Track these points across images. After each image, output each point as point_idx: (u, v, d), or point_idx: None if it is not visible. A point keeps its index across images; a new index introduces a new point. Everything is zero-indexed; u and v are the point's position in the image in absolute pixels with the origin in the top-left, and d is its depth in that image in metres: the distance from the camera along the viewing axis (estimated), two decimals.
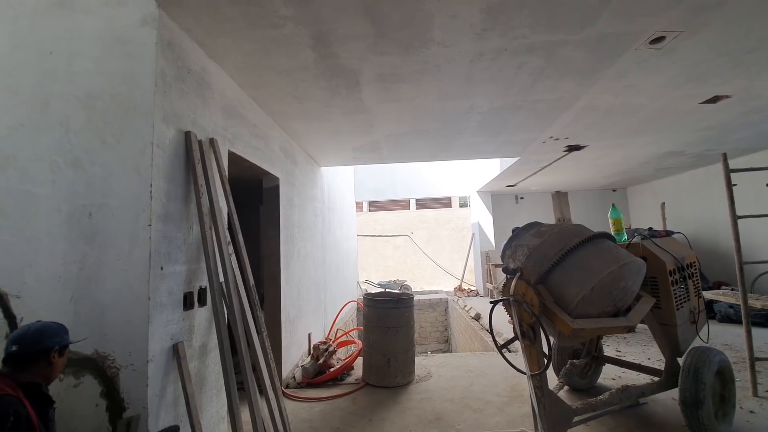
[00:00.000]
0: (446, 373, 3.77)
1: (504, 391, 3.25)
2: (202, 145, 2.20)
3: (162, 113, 1.92)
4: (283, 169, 3.85)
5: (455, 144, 4.77)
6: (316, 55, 2.42)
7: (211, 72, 2.42)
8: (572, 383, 3.15)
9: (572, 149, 5.25)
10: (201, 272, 2.16)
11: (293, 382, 3.64)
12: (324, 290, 5.48)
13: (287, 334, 3.73)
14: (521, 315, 2.19)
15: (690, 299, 2.72)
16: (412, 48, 2.38)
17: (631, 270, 2.24)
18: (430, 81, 2.87)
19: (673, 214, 8.13)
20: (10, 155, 1.96)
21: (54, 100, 1.96)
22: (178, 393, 1.91)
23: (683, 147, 5.39)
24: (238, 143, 2.77)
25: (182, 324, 1.99)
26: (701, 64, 2.76)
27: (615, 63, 2.67)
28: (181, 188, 2.04)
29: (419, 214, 13.36)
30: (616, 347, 4.38)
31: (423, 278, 12.75)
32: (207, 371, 2.19)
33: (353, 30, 2.16)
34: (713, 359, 2.37)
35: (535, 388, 2.15)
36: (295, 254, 4.15)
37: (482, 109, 3.54)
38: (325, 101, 3.18)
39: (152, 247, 1.79)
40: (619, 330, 2.27)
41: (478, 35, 2.26)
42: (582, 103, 3.47)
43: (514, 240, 2.56)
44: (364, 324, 3.77)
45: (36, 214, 1.89)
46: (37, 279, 1.85)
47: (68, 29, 2.00)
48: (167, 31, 1.99)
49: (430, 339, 10.02)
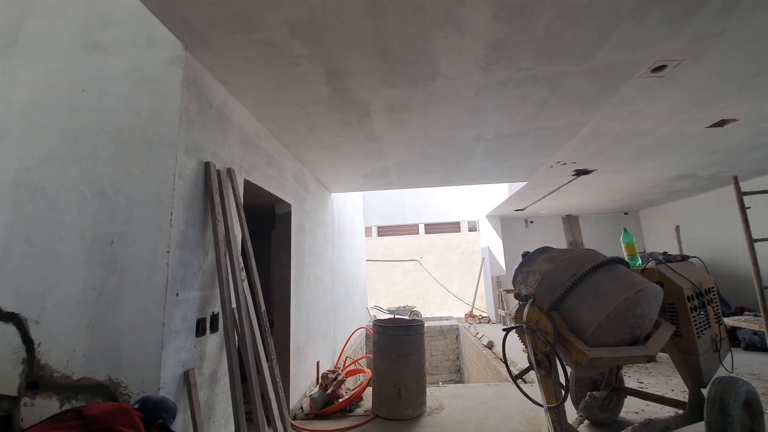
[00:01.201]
0: (459, 405, 3.63)
1: (521, 426, 3.11)
2: (220, 174, 2.29)
3: (185, 146, 2.02)
4: (295, 196, 3.94)
5: (463, 170, 4.84)
6: (329, 89, 2.55)
7: (231, 107, 2.56)
8: (592, 417, 3.00)
9: (580, 173, 5.27)
10: (214, 298, 2.19)
11: (301, 413, 3.55)
12: (333, 316, 5.43)
13: (296, 362, 3.68)
14: (535, 343, 2.15)
15: (711, 326, 2.63)
16: (420, 81, 2.50)
17: (648, 296, 2.19)
18: (438, 111, 2.97)
19: (688, 237, 7.96)
20: (40, 185, 2.07)
21: (83, 134, 2.09)
22: (188, 422, 1.89)
23: (693, 170, 5.37)
24: (253, 172, 2.87)
25: (194, 351, 2.00)
26: (705, 90, 2.81)
27: (618, 91, 2.74)
28: (199, 216, 2.12)
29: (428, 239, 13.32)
30: (638, 378, 4.19)
31: (433, 304, 12.52)
32: (216, 400, 2.17)
33: (365, 66, 2.29)
34: (739, 390, 2.25)
35: (554, 422, 2.07)
36: (305, 280, 4.16)
37: (489, 137, 3.62)
38: (337, 131, 3.30)
39: (170, 274, 1.84)
40: (638, 360, 2.19)
41: (483, 69, 2.37)
42: (588, 130, 3.52)
43: (525, 265, 2.54)
44: (374, 351, 3.70)
45: (60, 241, 1.97)
46: (57, 304, 1.91)
47: (100, 69, 2.17)
48: (192, 71, 2.14)
49: (441, 368, 9.70)
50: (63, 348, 1.86)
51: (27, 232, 2.02)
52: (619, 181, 5.91)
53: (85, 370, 1.82)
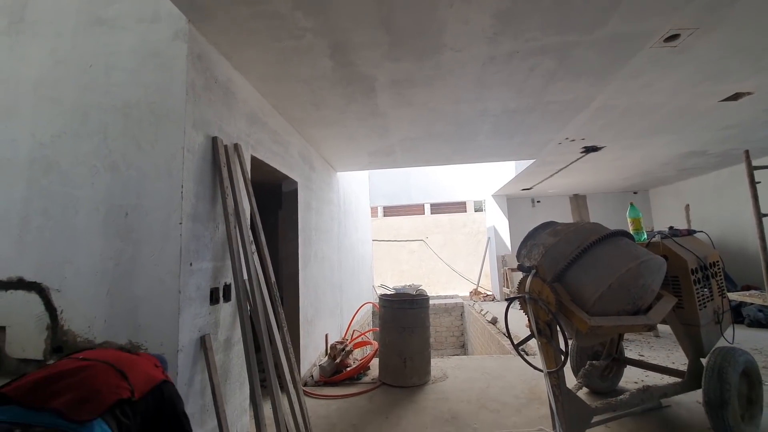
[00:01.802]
0: (462, 374, 3.76)
1: (522, 393, 3.23)
2: (228, 149, 2.33)
3: (192, 120, 2.05)
4: (301, 174, 3.97)
5: (469, 147, 4.80)
6: (333, 64, 2.53)
7: (236, 82, 2.56)
8: (592, 385, 3.10)
9: (589, 150, 5.20)
10: (225, 269, 2.27)
11: (311, 380, 3.71)
12: (340, 292, 5.56)
13: (305, 334, 3.81)
14: (537, 313, 2.20)
15: (714, 299, 2.66)
16: (426, 54, 2.46)
17: (651, 267, 2.22)
18: (443, 85, 2.94)
19: (697, 216, 7.87)
20: (54, 161, 2.13)
21: (93, 110, 2.12)
22: (205, 383, 2.00)
23: (705, 146, 5.26)
24: (260, 148, 2.90)
25: (209, 318, 2.09)
26: (719, 61, 2.73)
27: (629, 62, 2.67)
28: (209, 190, 2.17)
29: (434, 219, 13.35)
30: (639, 351, 4.27)
31: (438, 283, 12.69)
32: (231, 364, 2.29)
33: (369, 39, 2.26)
34: (738, 359, 2.31)
35: (553, 386, 2.15)
36: (312, 256, 4.25)
37: (495, 112, 3.58)
38: (341, 108, 3.29)
39: (182, 245, 1.91)
40: (638, 328, 2.25)
41: (490, 39, 2.32)
42: (597, 104, 3.46)
43: (530, 239, 2.57)
44: (380, 324, 3.81)
45: (76, 214, 2.04)
46: (76, 274, 2.00)
47: (106, 44, 2.18)
48: (197, 45, 2.14)
49: (446, 344, 9.94)
50: (84, 315, 1.96)
51: (44, 206, 2.09)
52: (629, 158, 5.82)
53: (106, 335, 1.92)
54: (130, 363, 1.32)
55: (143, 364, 1.36)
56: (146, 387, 1.27)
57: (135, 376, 1.26)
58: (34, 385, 1.11)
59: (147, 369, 1.35)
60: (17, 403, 1.07)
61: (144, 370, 1.33)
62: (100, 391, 1.14)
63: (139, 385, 1.25)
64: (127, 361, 1.32)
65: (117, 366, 1.25)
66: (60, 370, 1.18)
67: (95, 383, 1.16)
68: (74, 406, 1.08)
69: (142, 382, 1.27)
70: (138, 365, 1.33)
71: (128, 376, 1.24)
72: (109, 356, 1.31)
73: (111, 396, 1.15)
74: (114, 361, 1.27)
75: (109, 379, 1.19)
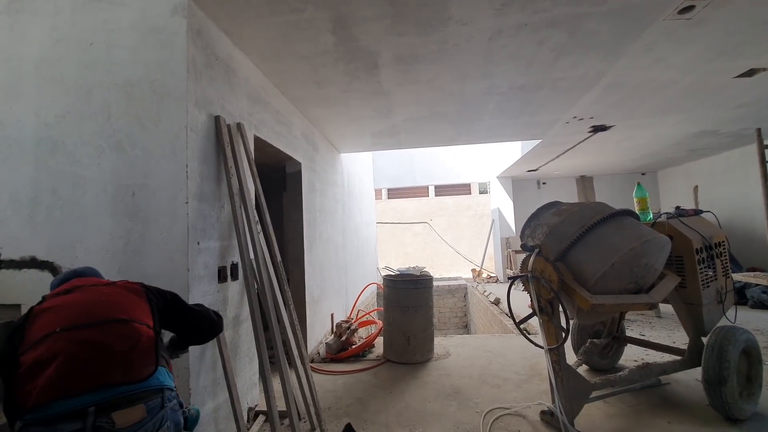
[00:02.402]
0: (465, 352, 3.84)
1: (523, 370, 3.30)
2: (231, 129, 2.32)
3: (194, 99, 2.03)
4: (305, 155, 3.96)
5: (474, 127, 4.73)
6: (335, 39, 2.48)
7: (237, 59, 2.52)
8: (592, 363, 3.16)
9: (597, 130, 5.10)
10: (232, 249, 2.31)
11: (318, 357, 3.82)
12: (345, 273, 5.64)
13: (311, 313, 3.90)
14: (539, 291, 2.22)
15: (717, 279, 2.66)
16: (431, 27, 2.39)
17: (654, 247, 2.21)
18: (449, 61, 2.87)
19: (706, 197, 7.77)
20: (59, 141, 2.13)
21: (96, 89, 2.11)
22: (216, 358, 2.07)
23: (717, 126, 5.13)
24: (262, 128, 2.88)
25: (217, 295, 2.14)
26: (735, 35, 2.63)
27: (642, 35, 2.58)
28: (213, 169, 2.17)
29: (438, 201, 13.31)
30: (641, 331, 4.32)
31: (442, 265, 12.78)
32: (240, 340, 2.36)
33: (371, 11, 2.20)
34: (739, 338, 2.33)
35: (553, 362, 2.19)
36: (317, 237, 4.29)
37: (502, 89, 3.50)
38: (344, 86, 3.24)
39: (189, 224, 1.93)
40: (639, 307, 2.26)
41: (498, 11, 2.25)
42: (607, 80, 3.37)
43: (534, 219, 2.57)
44: (385, 304, 3.88)
45: (84, 194, 2.06)
46: (87, 252, 2.03)
47: (106, 21, 2.14)
48: (196, 20, 2.09)
49: (449, 324, 10.11)
50: None
51: (52, 186, 2.11)
52: (638, 138, 5.70)
53: None
54: (131, 303, 1.32)
55: (121, 296, 1.35)
56: (148, 307, 1.35)
57: (143, 312, 1.31)
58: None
59: (127, 294, 1.35)
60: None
61: (129, 297, 1.34)
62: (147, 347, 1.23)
63: (148, 314, 1.31)
64: (128, 303, 1.31)
65: (138, 318, 1.27)
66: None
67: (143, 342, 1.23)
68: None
69: (146, 309, 1.33)
70: (120, 300, 1.32)
71: (143, 318, 1.28)
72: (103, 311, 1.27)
73: (151, 342, 1.24)
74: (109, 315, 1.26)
75: (144, 333, 1.24)
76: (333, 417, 2.57)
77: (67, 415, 1.06)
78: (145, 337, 1.23)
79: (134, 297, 1.37)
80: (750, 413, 2.33)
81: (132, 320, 1.25)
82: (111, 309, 1.26)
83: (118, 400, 1.11)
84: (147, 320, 1.30)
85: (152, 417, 1.15)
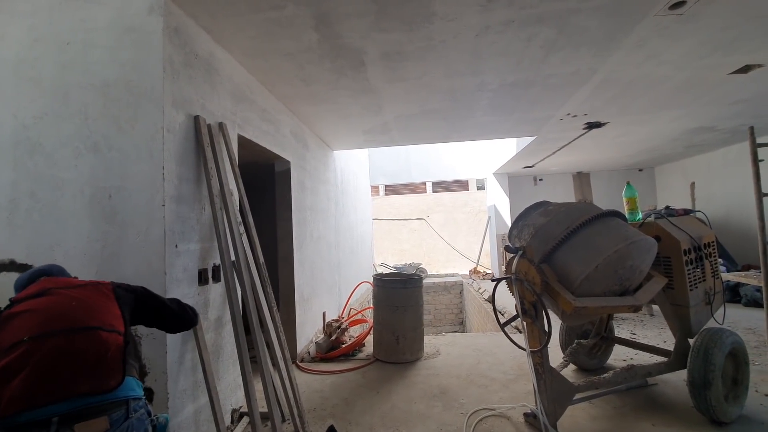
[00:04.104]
0: (454, 351, 3.84)
1: (511, 369, 3.30)
2: (212, 129, 2.28)
3: (171, 98, 2.00)
4: (294, 153, 3.92)
5: (467, 124, 4.68)
6: (318, 36, 2.43)
7: (219, 57, 2.48)
8: (580, 363, 3.15)
9: (592, 126, 5.04)
10: (214, 251, 2.28)
11: (308, 356, 3.82)
12: (338, 271, 5.62)
13: (301, 312, 3.89)
14: (523, 293, 2.20)
15: (706, 280, 2.64)
16: (415, 24, 2.34)
17: (640, 248, 2.19)
18: (436, 58, 2.82)
19: (703, 194, 7.72)
20: (37, 143, 2.10)
21: (73, 90, 2.07)
22: (196, 361, 2.06)
23: (713, 122, 5.07)
24: (247, 127, 2.85)
25: (198, 298, 2.13)
26: (728, 30, 2.57)
27: (633, 31, 2.53)
28: (193, 171, 2.14)
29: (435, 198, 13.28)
30: (632, 330, 4.31)
31: (439, 261, 12.79)
32: (223, 342, 2.35)
33: (353, 7, 2.15)
34: (725, 340, 2.31)
35: (536, 365, 2.18)
36: (308, 236, 4.27)
37: (493, 86, 3.45)
38: (331, 83, 3.19)
39: (167, 227, 1.91)
40: (624, 309, 2.24)
41: (483, 7, 2.20)
42: (600, 77, 3.31)
43: (521, 219, 2.54)
44: (374, 303, 3.87)
45: (62, 196, 2.03)
46: (66, 256, 2.01)
47: (83, 20, 2.09)
48: (173, 18, 2.05)
49: (445, 321, 10.13)
50: None
51: (31, 188, 2.08)
52: (634, 134, 5.65)
53: None
54: (98, 308, 1.30)
55: (91, 299, 1.32)
56: (117, 310, 1.32)
57: (111, 317, 1.28)
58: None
59: (97, 297, 1.33)
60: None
61: (99, 300, 1.32)
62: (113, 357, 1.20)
63: (117, 318, 1.30)
64: (95, 308, 1.29)
65: (104, 326, 1.24)
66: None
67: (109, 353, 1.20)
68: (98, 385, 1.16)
69: (115, 313, 1.31)
70: (100, 303, 1.32)
71: (111, 324, 1.26)
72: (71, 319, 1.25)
73: (118, 352, 1.21)
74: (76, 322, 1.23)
75: (112, 342, 1.22)
76: (318, 418, 2.57)
77: (31, 424, 1.06)
78: (113, 346, 1.22)
79: (103, 300, 1.35)
80: (735, 416, 2.32)
81: (101, 328, 1.23)
82: (80, 316, 1.24)
83: (83, 411, 1.10)
84: (117, 325, 1.28)
85: (115, 429, 1.14)
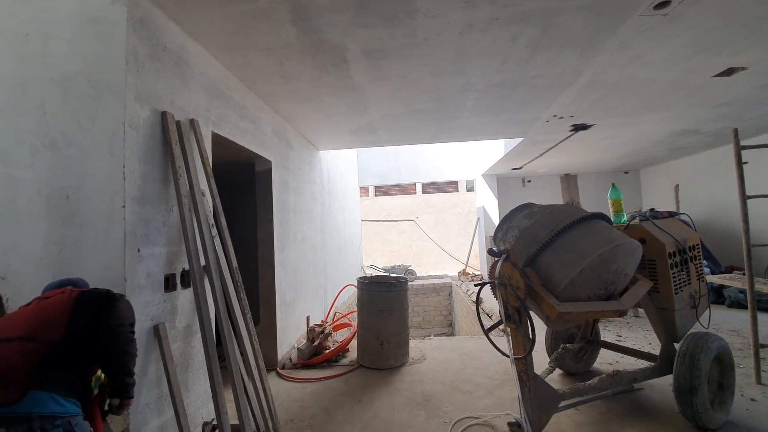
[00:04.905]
0: (440, 355, 3.77)
1: (496, 374, 3.23)
2: (181, 125, 2.16)
3: (134, 93, 1.88)
4: (276, 153, 3.80)
5: (454, 125, 4.63)
6: (297, 30, 2.33)
7: (191, 51, 2.36)
8: (566, 367, 3.10)
9: (578, 128, 5.04)
10: (183, 255, 2.16)
11: (289, 363, 3.70)
12: (324, 274, 5.51)
13: (283, 316, 3.77)
14: (507, 298, 2.14)
15: (691, 283, 2.61)
16: (397, 19, 2.27)
17: (624, 252, 2.14)
18: (420, 56, 2.74)
19: (687, 196, 7.81)
20: None
21: (31, 83, 1.93)
22: (161, 373, 1.93)
23: (697, 125, 5.11)
24: (223, 125, 2.73)
25: (164, 305, 2.00)
26: (712, 32, 2.56)
27: (617, 31, 2.50)
28: (159, 170, 2.02)
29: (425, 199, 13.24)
30: (617, 332, 4.29)
31: (428, 263, 12.74)
32: (193, 352, 2.22)
33: (332, 1, 2.06)
34: (711, 345, 2.27)
35: (520, 372, 2.11)
36: (291, 238, 4.15)
37: (479, 86, 3.40)
38: (313, 80, 3.09)
39: (127, 229, 1.79)
40: (609, 314, 2.20)
41: (467, 3, 2.13)
42: (585, 78, 3.28)
43: (506, 222, 2.48)
44: (359, 307, 3.77)
45: (18, 197, 1.89)
46: (22, 260, 1.87)
47: (42, 10, 1.96)
48: (139, 8, 1.93)
49: (434, 323, 10.08)
50: None
51: None
52: (620, 136, 5.67)
53: None
54: (35, 316, 1.29)
55: (50, 306, 1.33)
56: (63, 317, 1.28)
57: (45, 325, 1.26)
58: None
59: (55, 305, 1.32)
60: None
61: (53, 308, 1.31)
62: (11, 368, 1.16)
63: (54, 326, 1.26)
64: (32, 317, 1.29)
65: (24, 334, 1.23)
66: None
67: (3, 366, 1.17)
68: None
69: (57, 320, 1.28)
70: (44, 310, 1.31)
71: (36, 332, 1.24)
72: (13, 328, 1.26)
73: (26, 365, 1.17)
74: (17, 330, 1.24)
75: (13, 354, 1.19)
76: (295, 429, 2.46)
77: None
78: (23, 358, 1.17)
79: (49, 313, 1.31)
80: (721, 422, 2.29)
81: (20, 338, 1.20)
82: (11, 326, 1.26)
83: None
84: (51, 334, 1.24)
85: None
